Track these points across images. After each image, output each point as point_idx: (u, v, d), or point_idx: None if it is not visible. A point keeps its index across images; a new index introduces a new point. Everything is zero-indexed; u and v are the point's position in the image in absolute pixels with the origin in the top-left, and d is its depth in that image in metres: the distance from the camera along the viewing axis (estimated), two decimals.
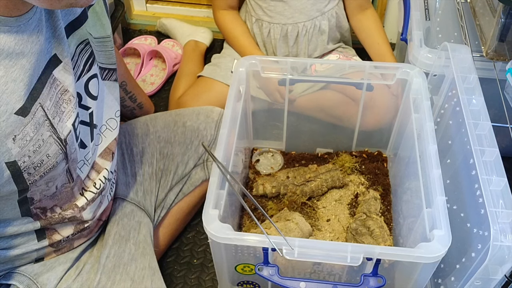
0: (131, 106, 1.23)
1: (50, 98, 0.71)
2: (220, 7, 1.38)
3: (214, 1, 1.38)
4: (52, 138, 0.71)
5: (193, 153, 1.11)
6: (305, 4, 1.29)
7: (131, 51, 1.67)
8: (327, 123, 1.27)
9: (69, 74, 0.74)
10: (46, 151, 0.71)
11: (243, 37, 1.36)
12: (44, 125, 0.70)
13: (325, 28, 1.34)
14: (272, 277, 0.84)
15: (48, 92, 0.70)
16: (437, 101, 1.09)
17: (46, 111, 0.70)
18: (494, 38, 1.02)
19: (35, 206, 0.79)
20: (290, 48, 1.36)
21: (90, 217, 0.89)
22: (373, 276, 0.82)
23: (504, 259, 0.75)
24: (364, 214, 1.09)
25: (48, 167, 0.72)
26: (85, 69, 0.80)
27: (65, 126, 0.74)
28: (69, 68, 0.74)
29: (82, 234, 0.92)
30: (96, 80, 0.83)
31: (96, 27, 0.82)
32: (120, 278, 0.91)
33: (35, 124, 0.68)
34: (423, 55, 1.12)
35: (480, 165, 0.82)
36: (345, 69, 1.13)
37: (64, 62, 0.73)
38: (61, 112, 0.73)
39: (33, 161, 0.69)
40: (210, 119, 1.14)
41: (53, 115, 0.71)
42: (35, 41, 0.66)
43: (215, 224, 0.82)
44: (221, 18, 1.38)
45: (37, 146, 0.69)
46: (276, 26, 1.33)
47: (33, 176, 0.71)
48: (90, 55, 0.81)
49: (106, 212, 0.97)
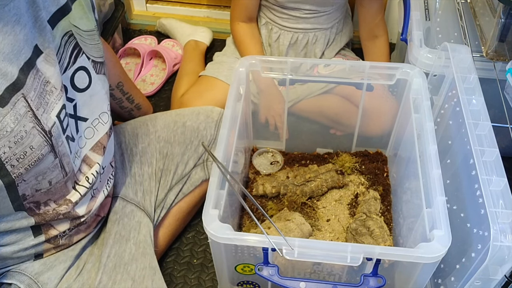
0: (129, 107, 1.23)
1: (34, 89, 0.70)
2: (238, 18, 1.32)
3: (233, 12, 1.33)
4: (36, 129, 0.71)
5: (193, 153, 1.11)
6: (319, 20, 1.29)
7: (131, 51, 1.67)
8: (328, 124, 1.28)
9: (51, 65, 0.73)
10: (30, 142, 0.70)
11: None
12: (26, 116, 0.69)
13: (332, 35, 1.35)
14: (272, 277, 0.84)
15: (32, 82, 0.69)
16: (437, 101, 1.09)
17: (30, 102, 0.69)
18: (494, 38, 1.02)
19: (28, 201, 0.78)
20: (297, 55, 1.36)
21: (84, 212, 0.88)
22: (373, 276, 0.82)
23: (504, 259, 0.75)
24: (364, 214, 1.09)
25: (33, 159, 0.71)
26: (71, 61, 0.80)
27: (49, 117, 0.73)
28: (51, 59, 0.73)
29: (79, 229, 0.92)
30: (84, 73, 0.83)
31: (83, 20, 0.82)
32: (121, 278, 0.91)
33: (15, 115, 0.67)
34: (423, 55, 1.12)
35: (480, 165, 0.82)
36: (347, 72, 1.13)
37: (45, 53, 0.72)
38: (45, 103, 0.72)
39: (15, 152, 0.68)
40: (210, 119, 1.14)
41: (37, 106, 0.71)
42: (9, 31, 0.65)
43: (215, 224, 0.82)
44: (240, 30, 1.33)
45: (19, 137, 0.68)
46: (287, 33, 1.33)
47: (17, 168, 0.70)
48: (75, 47, 0.80)
49: (104, 208, 0.97)
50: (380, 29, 1.33)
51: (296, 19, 1.29)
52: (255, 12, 1.33)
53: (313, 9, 1.27)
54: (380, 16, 1.32)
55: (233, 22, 1.34)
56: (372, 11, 1.30)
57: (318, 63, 1.16)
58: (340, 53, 1.40)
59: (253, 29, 1.34)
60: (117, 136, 1.09)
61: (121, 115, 1.24)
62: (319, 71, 1.16)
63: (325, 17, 1.30)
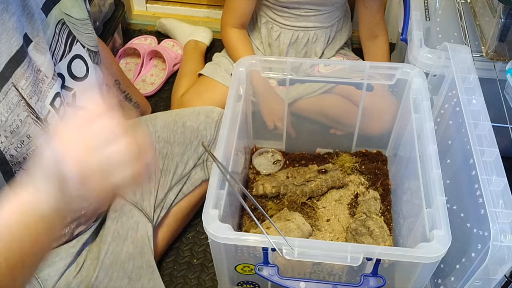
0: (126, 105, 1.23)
1: (27, 78, 0.69)
2: (232, 24, 1.31)
3: (226, 18, 1.32)
4: (31, 118, 0.70)
5: (192, 153, 1.11)
6: (320, 18, 1.29)
7: (131, 51, 1.67)
8: (328, 124, 1.28)
9: (41, 54, 0.73)
10: (26, 131, 0.70)
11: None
12: (19, 105, 0.68)
13: (332, 34, 1.35)
14: (272, 277, 0.84)
15: (24, 71, 0.69)
16: (437, 101, 1.09)
17: (21, 91, 0.68)
18: (494, 38, 1.02)
19: None
20: (298, 54, 1.36)
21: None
22: (373, 276, 0.82)
23: (504, 259, 0.75)
24: (364, 214, 1.09)
25: (32, 148, 0.71)
26: (67, 49, 0.80)
27: (44, 106, 0.73)
28: (40, 48, 0.73)
29: (80, 221, 0.92)
30: (80, 61, 0.82)
31: (76, 8, 0.81)
32: (117, 275, 0.92)
33: (8, 104, 0.67)
34: (423, 55, 1.12)
35: (480, 165, 0.82)
36: (347, 72, 1.13)
37: (34, 42, 0.72)
38: (39, 91, 0.72)
39: (12, 142, 0.68)
40: (210, 119, 1.14)
41: (29, 94, 0.70)
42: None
43: (215, 224, 0.82)
44: (233, 36, 1.31)
45: (15, 126, 0.68)
46: (288, 32, 1.33)
47: (15, 158, 0.70)
48: (69, 34, 0.80)
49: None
50: (380, 29, 1.33)
51: (296, 17, 1.29)
52: (248, 19, 1.33)
53: (314, 8, 1.27)
54: (380, 16, 1.32)
55: (225, 27, 1.32)
56: (372, 10, 1.30)
57: (318, 63, 1.16)
58: (340, 52, 1.40)
59: (244, 35, 1.34)
60: None
61: None
62: (319, 70, 1.16)
63: (326, 16, 1.30)
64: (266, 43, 1.37)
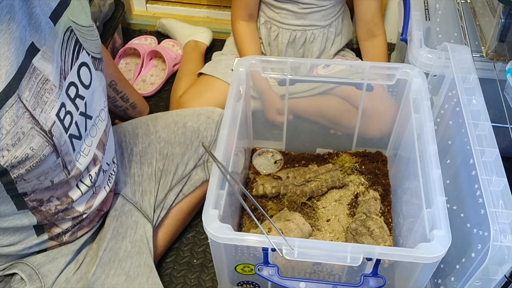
0: (123, 106, 1.23)
1: (30, 89, 0.69)
2: (239, 17, 1.33)
3: (234, 10, 1.34)
4: (35, 130, 0.70)
5: (193, 153, 1.11)
6: (316, 16, 1.30)
7: (131, 51, 1.67)
8: (327, 125, 1.28)
9: (49, 63, 0.72)
10: (29, 143, 0.69)
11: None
12: (23, 117, 0.68)
13: (331, 35, 1.35)
14: (272, 277, 0.84)
15: (27, 82, 0.68)
16: (437, 101, 1.09)
17: (25, 103, 0.68)
18: (494, 38, 1.02)
19: (30, 198, 0.78)
20: (296, 53, 1.36)
21: (83, 209, 0.89)
22: (373, 276, 0.82)
23: (504, 259, 0.75)
24: (364, 214, 1.09)
25: (35, 160, 0.71)
26: (74, 56, 0.79)
27: (48, 117, 0.72)
28: (48, 57, 0.72)
29: (82, 224, 0.92)
30: (86, 69, 0.82)
31: (82, 15, 0.81)
32: (114, 272, 0.92)
33: (11, 117, 0.66)
34: (423, 56, 1.12)
35: (480, 166, 0.82)
36: (347, 72, 1.13)
37: (42, 50, 0.71)
38: (43, 102, 0.71)
39: (15, 155, 0.68)
40: (211, 119, 1.14)
41: (33, 106, 0.69)
42: (4, 29, 0.64)
43: (215, 224, 0.82)
44: (241, 30, 1.33)
45: (16, 139, 0.67)
46: (285, 31, 1.33)
47: (17, 169, 0.69)
48: (76, 42, 0.80)
49: (107, 203, 0.98)
50: (378, 29, 1.33)
51: (293, 15, 1.30)
52: (255, 9, 1.34)
53: (310, 2, 1.27)
54: (378, 15, 1.32)
55: (234, 20, 1.35)
56: (370, 10, 1.30)
57: (318, 63, 1.16)
58: (339, 53, 1.41)
59: (253, 29, 1.35)
60: (117, 136, 1.09)
61: (117, 114, 1.24)
62: (318, 72, 1.16)
63: (322, 13, 1.30)
64: (266, 43, 1.37)
